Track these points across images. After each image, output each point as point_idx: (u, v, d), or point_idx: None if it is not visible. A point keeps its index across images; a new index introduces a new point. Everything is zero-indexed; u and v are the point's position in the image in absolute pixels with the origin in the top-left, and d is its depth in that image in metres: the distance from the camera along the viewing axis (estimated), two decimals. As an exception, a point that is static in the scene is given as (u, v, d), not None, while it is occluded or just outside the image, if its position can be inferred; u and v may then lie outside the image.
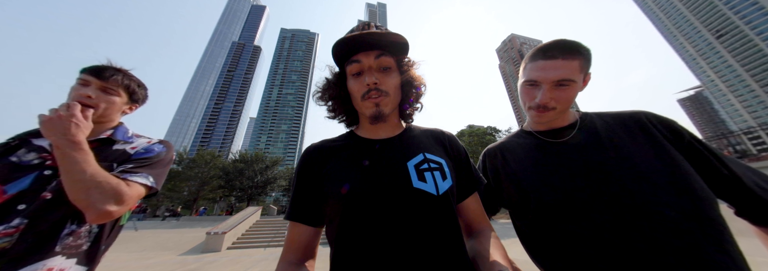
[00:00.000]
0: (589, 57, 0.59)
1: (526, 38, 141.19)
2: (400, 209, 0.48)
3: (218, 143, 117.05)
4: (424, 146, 0.60)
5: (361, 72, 0.55)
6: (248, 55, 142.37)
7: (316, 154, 0.60)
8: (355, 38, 0.51)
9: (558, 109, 0.60)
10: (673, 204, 0.49)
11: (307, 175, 0.58)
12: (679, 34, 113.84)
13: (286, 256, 0.52)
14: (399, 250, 0.46)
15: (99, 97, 0.72)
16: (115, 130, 0.78)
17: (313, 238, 0.55)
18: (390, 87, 0.56)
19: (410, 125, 0.68)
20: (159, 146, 0.81)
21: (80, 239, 0.64)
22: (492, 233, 0.56)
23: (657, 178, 0.51)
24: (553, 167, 0.61)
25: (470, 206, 0.60)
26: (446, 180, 0.54)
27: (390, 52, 0.56)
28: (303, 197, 0.56)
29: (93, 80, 0.71)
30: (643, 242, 0.48)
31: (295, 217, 0.55)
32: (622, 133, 0.58)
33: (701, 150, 0.54)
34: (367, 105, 0.55)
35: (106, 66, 0.76)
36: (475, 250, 0.51)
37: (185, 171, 25.12)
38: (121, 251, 7.07)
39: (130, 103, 0.83)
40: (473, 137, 27.39)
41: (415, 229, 0.47)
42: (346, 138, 0.63)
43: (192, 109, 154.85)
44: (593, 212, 0.52)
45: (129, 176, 0.67)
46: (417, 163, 0.55)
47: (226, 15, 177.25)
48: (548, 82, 0.58)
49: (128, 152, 0.75)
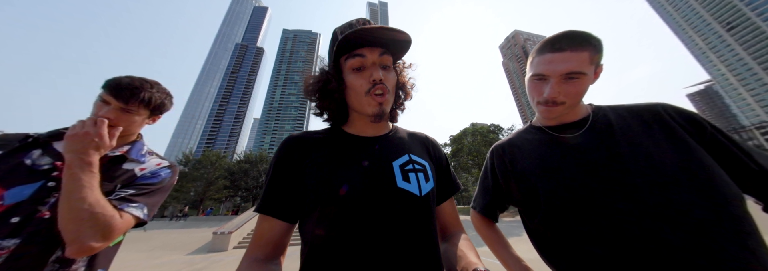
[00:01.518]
0: (600, 48, 0.56)
1: (530, 34, 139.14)
2: (383, 208, 0.49)
3: (223, 143, 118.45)
4: (409, 147, 0.60)
5: (362, 67, 0.53)
6: (251, 57, 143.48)
7: (298, 145, 0.56)
8: (364, 32, 0.49)
9: (567, 103, 0.58)
10: (694, 201, 0.46)
11: (285, 166, 0.54)
12: (688, 27, 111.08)
13: (252, 252, 0.48)
14: (377, 248, 0.46)
15: (118, 118, 0.70)
16: (131, 147, 0.76)
17: (284, 234, 0.51)
18: (391, 85, 0.55)
19: (396, 126, 0.68)
20: (166, 171, 0.78)
21: (75, 264, 0.58)
22: (464, 235, 0.57)
23: (676, 173, 0.48)
24: (564, 164, 0.59)
25: (446, 210, 0.61)
26: (429, 182, 0.55)
27: (391, 52, 0.56)
28: (279, 189, 0.52)
29: (112, 101, 0.69)
30: (662, 241, 0.45)
31: (267, 210, 0.51)
32: (638, 127, 0.56)
33: (726, 143, 0.51)
34: (370, 102, 0.53)
35: (127, 84, 0.71)
36: (450, 251, 0.52)
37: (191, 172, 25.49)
38: (130, 250, 7.22)
39: (152, 116, 0.81)
40: (476, 136, 27.17)
41: (396, 227, 0.48)
42: (332, 133, 0.61)
43: (197, 111, 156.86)
44: (607, 210, 0.50)
45: (126, 206, 0.63)
46: (402, 163, 0.55)
47: (229, 17, 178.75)
48: (556, 75, 0.55)
49: (136, 173, 0.73)
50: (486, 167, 0.78)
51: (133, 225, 0.66)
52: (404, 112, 0.66)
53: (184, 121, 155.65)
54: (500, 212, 0.77)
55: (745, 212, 0.46)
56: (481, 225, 0.78)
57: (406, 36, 0.52)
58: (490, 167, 0.76)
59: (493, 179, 0.75)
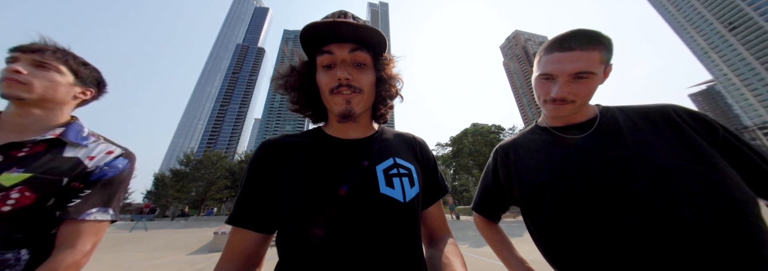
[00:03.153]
0: (610, 47, 0.54)
1: (531, 34, 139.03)
2: (363, 215, 0.46)
3: (224, 144, 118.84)
4: (394, 149, 0.57)
5: (333, 64, 0.50)
6: (252, 57, 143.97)
7: (274, 150, 0.53)
8: (327, 26, 0.46)
9: (577, 102, 0.56)
10: (703, 205, 0.45)
11: (260, 173, 0.51)
12: (690, 27, 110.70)
13: (224, 264, 0.45)
14: (360, 257, 0.43)
15: (33, 74, 0.59)
16: (66, 129, 0.65)
17: (259, 246, 0.48)
18: (364, 85, 0.51)
19: (382, 127, 0.64)
20: (123, 161, 0.69)
21: (7, 269, 0.52)
22: (451, 240, 0.55)
23: (686, 176, 0.47)
24: (571, 165, 0.57)
25: (433, 214, 0.60)
26: (414, 187, 0.52)
27: (366, 48, 0.51)
28: (252, 198, 0.49)
29: (20, 55, 0.60)
30: (669, 245, 0.44)
31: (239, 221, 0.48)
32: (647, 129, 0.55)
33: (739, 146, 0.50)
34: (336, 101, 0.50)
35: (37, 41, 0.63)
36: (435, 258, 0.50)
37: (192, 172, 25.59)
38: (131, 250, 7.25)
39: (81, 86, 0.69)
40: (477, 136, 27.13)
41: (377, 236, 0.45)
42: (312, 134, 0.58)
43: (198, 111, 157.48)
44: (614, 212, 0.50)
45: (86, 215, 0.58)
46: (386, 167, 0.52)
47: (231, 18, 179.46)
48: (565, 75, 0.54)
49: (82, 162, 0.62)
50: (488, 167, 0.77)
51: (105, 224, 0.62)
52: (395, 106, 0.62)
53: (186, 122, 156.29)
54: (502, 213, 0.77)
55: (758, 217, 0.44)
56: (484, 226, 0.78)
57: (374, 33, 0.49)
58: (493, 167, 0.75)
59: (494, 179, 0.74)
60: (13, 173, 0.53)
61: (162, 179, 25.78)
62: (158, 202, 24.99)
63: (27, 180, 0.54)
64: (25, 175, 0.54)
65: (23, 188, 0.53)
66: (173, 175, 25.90)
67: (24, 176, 0.54)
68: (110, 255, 6.45)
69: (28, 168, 0.55)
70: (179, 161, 27.18)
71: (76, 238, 0.57)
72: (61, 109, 0.66)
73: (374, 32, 0.48)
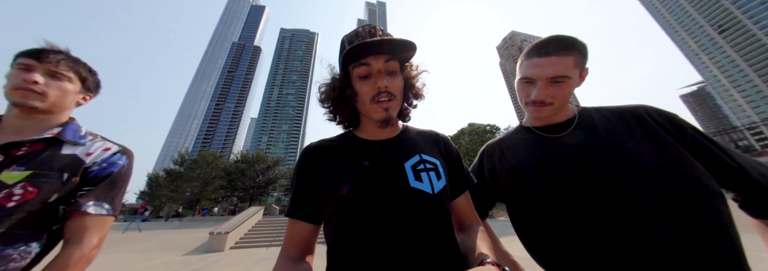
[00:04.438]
0: (585, 52, 0.58)
1: (527, 35, 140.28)
2: (398, 208, 0.51)
3: (220, 143, 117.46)
4: (420, 146, 0.63)
5: (369, 75, 0.56)
6: (248, 56, 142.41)
7: (316, 153, 0.61)
8: (374, 44, 0.52)
9: (555, 104, 0.60)
10: (670, 199, 0.48)
11: (306, 174, 0.59)
12: (681, 29, 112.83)
13: (285, 252, 0.54)
14: (396, 246, 0.49)
15: (48, 84, 0.62)
16: (64, 128, 0.67)
17: (312, 235, 0.57)
18: (396, 90, 0.57)
19: (406, 126, 0.70)
20: (121, 158, 0.72)
21: (11, 263, 0.55)
22: (480, 227, 0.59)
23: (654, 172, 0.51)
24: (550, 162, 0.61)
25: (461, 203, 0.64)
26: (441, 180, 0.57)
27: (397, 57, 0.58)
28: (303, 195, 0.58)
29: (36, 64, 0.61)
30: (639, 237, 0.48)
31: (295, 214, 0.57)
32: (621, 128, 0.58)
33: (705, 143, 0.54)
34: (376, 109, 0.56)
35: (50, 47, 0.65)
36: (465, 244, 0.54)
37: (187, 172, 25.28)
38: (125, 251, 7.16)
39: (83, 92, 0.73)
40: (473, 136, 27.36)
41: (413, 226, 0.50)
42: (345, 138, 0.65)
43: (193, 110, 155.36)
44: (589, 207, 0.53)
45: (86, 207, 0.62)
46: (413, 163, 0.57)
47: (226, 16, 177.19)
48: (543, 78, 0.58)
49: (80, 159, 0.66)
50: (474, 166, 0.81)
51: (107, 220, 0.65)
52: (415, 109, 0.67)
53: (180, 120, 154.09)
54: (489, 210, 0.80)
55: (720, 209, 0.47)
56: None
57: (409, 43, 0.54)
58: (479, 165, 0.79)
59: (480, 177, 0.77)
60: (14, 171, 0.56)
61: (156, 179, 25.45)
62: (152, 202, 24.63)
63: (28, 177, 0.56)
64: (26, 172, 0.56)
65: (26, 184, 0.55)
66: (167, 175, 25.56)
67: (25, 173, 0.56)
68: (104, 256, 6.37)
69: (29, 165, 0.58)
70: (173, 161, 26.81)
71: (83, 232, 0.60)
72: (63, 113, 0.70)
73: (409, 44, 0.54)
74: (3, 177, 0.55)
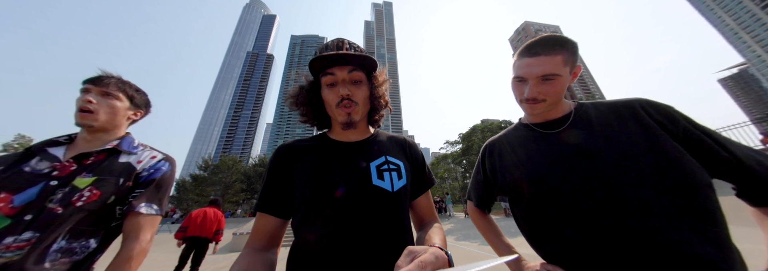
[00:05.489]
0: (574, 51, 0.61)
1: (541, 25, 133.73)
2: (359, 203, 0.57)
3: (239, 148, 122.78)
4: (386, 149, 0.68)
5: (335, 83, 0.62)
6: (262, 64, 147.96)
7: (288, 152, 0.66)
8: (333, 57, 0.59)
9: (548, 101, 0.63)
10: (659, 191, 0.50)
11: (278, 171, 0.63)
12: (717, 7, 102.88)
13: (252, 243, 0.58)
14: (355, 238, 0.54)
15: (100, 102, 0.75)
16: (121, 141, 0.81)
17: (278, 228, 0.61)
18: (360, 98, 0.63)
19: (377, 131, 0.76)
20: (165, 164, 0.83)
21: (74, 255, 0.65)
22: (437, 224, 0.64)
23: (645, 165, 0.52)
24: (547, 157, 0.64)
25: (421, 203, 0.70)
26: (401, 180, 0.63)
27: (361, 68, 0.63)
28: (272, 190, 0.62)
29: (92, 87, 0.76)
30: (625, 225, 0.50)
31: (263, 208, 0.60)
32: (615, 122, 0.61)
33: (698, 134, 0.55)
34: (340, 113, 0.62)
35: (102, 74, 0.80)
36: (422, 238, 0.58)
37: (211, 177, 26.73)
38: (158, 252, 7.74)
39: (133, 109, 0.85)
40: (486, 133, 26.55)
41: (372, 219, 0.56)
42: (318, 139, 0.70)
43: (214, 118, 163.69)
44: (583, 198, 0.55)
45: (139, 208, 0.73)
46: (378, 164, 0.63)
47: (240, 26, 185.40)
48: (534, 77, 0.61)
49: (133, 166, 0.78)
50: (478, 162, 0.84)
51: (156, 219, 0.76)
52: (386, 117, 0.73)
53: (203, 128, 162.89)
54: (491, 204, 0.85)
55: (709, 198, 0.49)
56: (475, 216, 0.85)
57: (368, 60, 0.62)
58: (481, 161, 0.82)
59: (483, 173, 0.80)
60: (85, 177, 0.69)
61: (183, 184, 27.12)
62: (180, 206, 26.26)
63: (94, 182, 0.69)
64: (93, 178, 0.69)
65: (92, 187, 0.68)
66: (193, 180, 27.14)
67: (92, 179, 0.69)
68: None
69: (94, 172, 0.71)
70: (198, 167, 28.43)
71: (139, 230, 0.72)
72: (119, 128, 0.83)
73: (367, 58, 0.62)
74: (76, 182, 0.67)
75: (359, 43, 0.69)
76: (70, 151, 0.73)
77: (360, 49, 0.65)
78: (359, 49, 0.66)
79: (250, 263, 0.51)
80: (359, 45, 0.67)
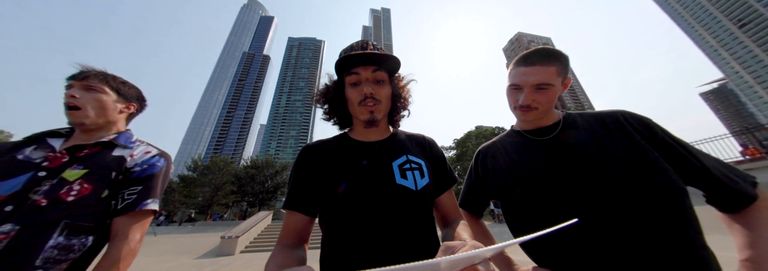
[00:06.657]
0: (566, 63, 0.65)
1: (534, 36, 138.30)
2: (384, 202, 0.58)
3: (230, 149, 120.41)
4: (407, 148, 0.70)
5: (359, 82, 0.64)
6: (258, 65, 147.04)
7: (314, 152, 0.68)
8: (356, 55, 0.61)
9: (540, 109, 0.66)
10: (637, 191, 0.54)
11: (304, 170, 0.65)
12: (697, 25, 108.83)
13: (282, 240, 0.59)
14: (381, 236, 0.55)
15: (84, 97, 0.73)
16: (119, 135, 0.79)
17: (306, 225, 0.62)
18: (382, 97, 0.65)
19: (397, 130, 0.77)
20: (160, 160, 0.81)
21: (71, 253, 0.61)
22: (463, 221, 0.64)
23: (625, 168, 0.56)
24: (536, 163, 0.66)
25: (445, 200, 0.70)
26: (424, 178, 0.64)
27: (384, 68, 0.65)
28: (300, 189, 0.63)
29: (74, 82, 0.74)
30: (613, 231, 0.53)
31: (292, 206, 0.62)
32: (601, 132, 0.64)
33: (674, 145, 0.59)
34: (362, 111, 0.64)
35: (83, 69, 0.78)
36: (448, 235, 0.58)
37: (200, 177, 25.99)
38: (141, 255, 7.40)
39: (123, 102, 0.82)
40: (481, 139, 26.93)
41: (396, 218, 0.57)
42: (340, 140, 0.72)
43: (206, 118, 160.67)
44: (571, 202, 0.58)
45: (141, 205, 0.71)
46: (400, 163, 0.64)
47: (237, 27, 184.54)
48: (528, 85, 0.64)
49: (125, 158, 0.75)
50: (470, 167, 0.87)
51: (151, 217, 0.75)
52: (408, 117, 0.76)
53: (194, 128, 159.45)
54: (483, 209, 0.86)
55: (684, 200, 0.53)
56: (467, 220, 0.86)
57: (393, 59, 0.64)
58: (473, 167, 0.84)
59: (475, 177, 0.82)
60: (75, 170, 0.66)
61: (169, 185, 26.26)
62: (166, 207, 25.38)
63: (85, 175, 0.66)
64: (83, 171, 0.67)
65: (82, 181, 0.65)
66: (181, 180, 26.34)
67: (82, 171, 0.66)
68: (121, 259, 6.62)
69: (86, 165, 0.68)
70: (187, 167, 27.65)
71: (128, 229, 0.68)
72: (115, 124, 0.81)
73: (391, 57, 0.63)
74: (65, 175, 0.64)
75: None
76: (67, 143, 0.72)
77: (383, 51, 0.66)
78: (383, 50, 0.67)
79: (285, 258, 0.52)
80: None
